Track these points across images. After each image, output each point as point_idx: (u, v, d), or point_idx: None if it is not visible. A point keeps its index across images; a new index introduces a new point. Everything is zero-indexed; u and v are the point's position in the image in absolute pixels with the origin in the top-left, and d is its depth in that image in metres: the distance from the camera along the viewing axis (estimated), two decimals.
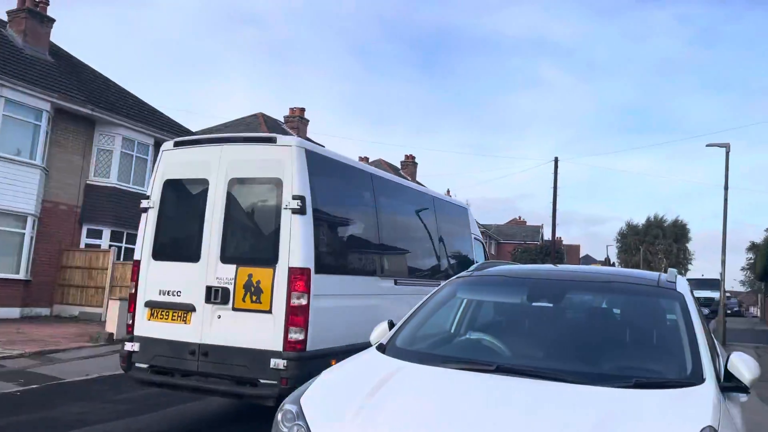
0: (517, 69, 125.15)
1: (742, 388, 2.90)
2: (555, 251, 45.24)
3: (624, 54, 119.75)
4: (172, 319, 6.12)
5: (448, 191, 56.20)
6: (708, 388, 2.73)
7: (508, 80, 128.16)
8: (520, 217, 71.24)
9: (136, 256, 6.50)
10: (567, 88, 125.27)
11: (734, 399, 3.14)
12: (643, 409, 2.54)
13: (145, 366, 6.14)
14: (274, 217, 5.93)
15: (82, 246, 18.39)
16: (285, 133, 30.80)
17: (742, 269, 63.78)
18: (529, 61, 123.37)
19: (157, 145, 20.76)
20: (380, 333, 3.77)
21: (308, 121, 32.81)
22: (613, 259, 73.02)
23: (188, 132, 23.00)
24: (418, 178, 46.14)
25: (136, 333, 6.24)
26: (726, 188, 17.64)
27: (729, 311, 43.56)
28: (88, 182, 18.74)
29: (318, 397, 2.87)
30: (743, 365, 2.89)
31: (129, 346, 6.21)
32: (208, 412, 7.11)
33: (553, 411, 2.54)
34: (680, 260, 72.49)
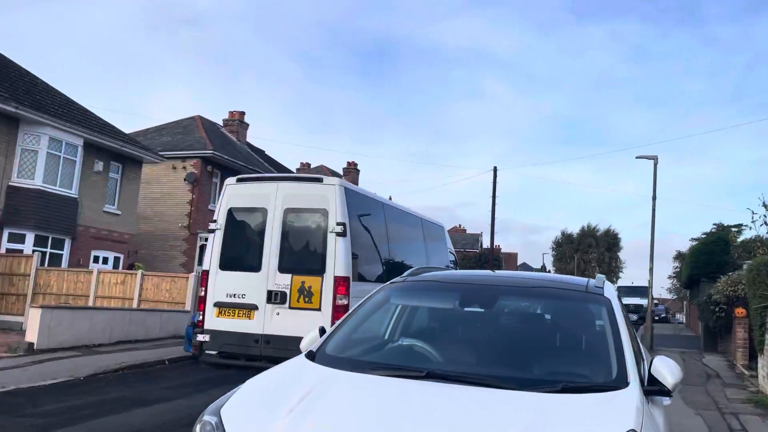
0: (459, 80, 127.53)
1: (665, 392, 2.93)
2: (493, 259, 46.06)
3: (561, 68, 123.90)
4: (238, 316, 8.03)
5: (390, 198, 56.26)
6: (632, 392, 2.75)
7: (450, 91, 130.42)
8: (460, 225, 72.21)
9: (204, 267, 8.55)
10: (507, 99, 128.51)
11: (658, 402, 3.19)
12: (568, 414, 2.55)
13: (214, 352, 8.04)
14: (322, 238, 8.00)
15: (2, 251, 17.41)
16: (223, 135, 30.21)
17: (669, 277, 66.65)
18: (471, 72, 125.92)
19: (87, 145, 19.99)
20: (311, 340, 3.67)
21: (248, 125, 32.31)
22: (549, 266, 75.08)
23: (119, 132, 22.22)
24: (360, 185, 46.16)
25: (206, 327, 8.16)
26: (654, 198, 18.37)
27: (657, 317, 45.35)
28: (10, 184, 17.78)
29: (239, 408, 2.73)
30: (666, 369, 2.94)
31: (201, 338, 8.13)
32: (127, 425, 6.79)
33: (480, 417, 2.51)
34: (612, 268, 75.22)
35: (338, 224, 7.88)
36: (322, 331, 3.71)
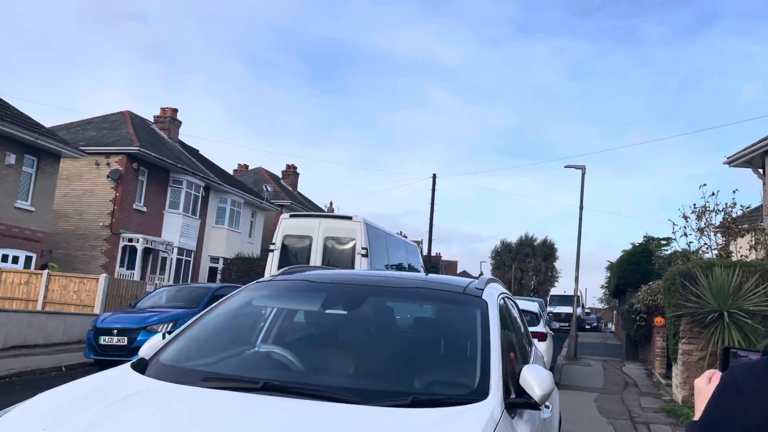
0: (407, 88, 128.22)
1: (532, 405, 2.61)
2: (431, 266, 46.08)
3: (506, 81, 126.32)
4: None
5: (331, 203, 55.97)
6: (488, 405, 2.42)
7: (397, 99, 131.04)
8: (401, 232, 72.14)
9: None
10: (453, 110, 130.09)
11: (532, 416, 2.87)
12: (408, 430, 2.20)
13: None
14: (351, 257, 11.48)
15: None
16: (153, 132, 29.06)
17: (602, 287, 68.74)
18: (419, 81, 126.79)
19: None
20: (152, 345, 3.18)
21: (180, 122, 31.21)
22: (487, 275, 75.92)
23: (35, 124, 20.89)
24: (300, 189, 45.43)
25: None
26: (581, 208, 18.58)
27: (588, 326, 46.51)
28: None
29: (16, 424, 2.24)
30: (534, 379, 2.61)
31: None
32: None
33: None
34: (548, 277, 77.01)
35: (363, 248, 11.68)
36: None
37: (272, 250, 12.01)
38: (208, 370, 2.95)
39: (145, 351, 3.16)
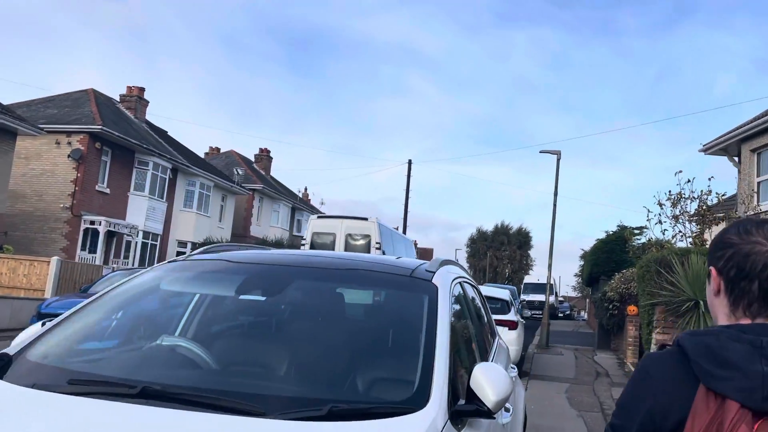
0: (386, 75, 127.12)
1: (484, 412, 2.09)
2: None
3: (485, 70, 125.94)
4: None
5: (306, 189, 55.16)
6: (426, 416, 1.90)
7: (376, 86, 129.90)
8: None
9: None
10: (432, 98, 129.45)
11: (485, 425, 2.35)
12: None
13: None
14: (367, 250, 13.18)
15: None
16: (118, 111, 28.03)
17: (575, 275, 69.16)
18: (398, 69, 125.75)
19: None
20: (23, 338, 2.59)
21: (148, 102, 30.16)
22: (463, 263, 76.07)
23: None
24: (275, 174, 44.54)
25: None
26: (555, 194, 18.22)
27: (561, 314, 46.55)
28: None
29: None
30: (488, 381, 2.07)
31: None
32: None
33: None
34: (523, 266, 77.36)
35: (377, 242, 14.25)
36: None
37: (303, 245, 14.67)
38: (82, 369, 2.37)
39: (15, 344, 2.57)
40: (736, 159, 17.53)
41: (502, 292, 11.84)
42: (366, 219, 14.89)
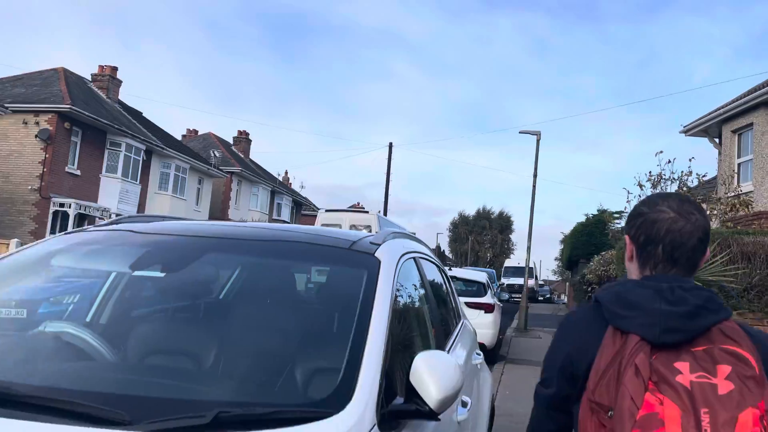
0: (370, 60, 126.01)
1: (425, 413, 1.67)
2: None
3: (469, 55, 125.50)
4: None
5: (286, 172, 54.49)
6: (344, 421, 1.52)
7: (361, 70, 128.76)
8: (358, 203, 71.27)
9: None
10: (417, 82, 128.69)
11: (426, 427, 1.94)
12: None
13: None
14: None
15: None
16: (90, 91, 27.20)
17: (555, 259, 69.52)
18: (383, 53, 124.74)
19: None
20: None
21: (121, 82, 29.32)
22: (444, 247, 76.05)
23: None
24: (255, 157, 43.80)
25: None
26: (535, 175, 17.96)
27: (541, 298, 46.68)
28: None
29: None
30: (431, 374, 1.65)
31: None
32: None
33: None
34: (504, 249, 77.55)
35: (376, 232, 16.67)
36: None
37: None
38: None
39: None
40: (717, 140, 17.39)
41: (479, 275, 11.57)
42: (367, 212, 17.94)
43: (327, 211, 17.71)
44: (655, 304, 1.28)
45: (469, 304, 10.42)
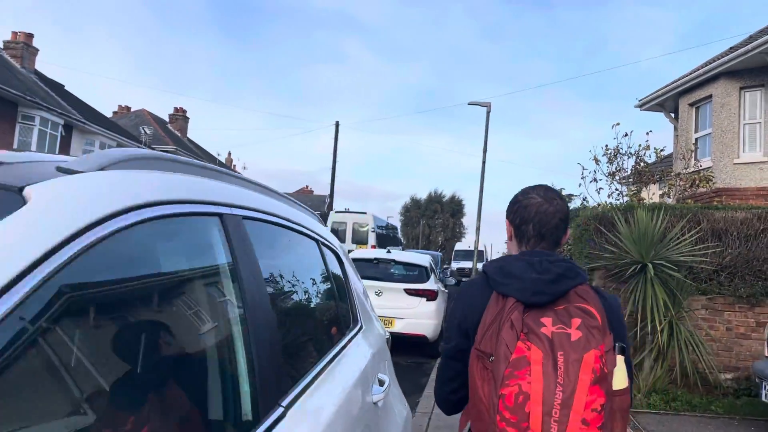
0: (321, 42, 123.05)
1: None
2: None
3: (422, 39, 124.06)
4: None
5: (229, 153, 52.28)
6: None
7: (312, 52, 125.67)
8: (307, 186, 69.53)
9: None
10: (370, 65, 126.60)
11: None
12: None
13: None
14: (366, 234, 21.78)
15: None
16: (1, 59, 24.62)
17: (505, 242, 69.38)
18: (334, 35, 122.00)
19: None
20: None
21: (37, 50, 26.72)
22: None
23: None
24: (189, 134, 41.38)
25: None
26: (485, 151, 16.75)
27: None
28: None
29: None
30: None
31: None
32: None
33: None
34: (455, 233, 77.17)
35: (372, 228, 21.51)
36: None
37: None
38: None
39: None
40: (673, 115, 16.55)
41: (421, 258, 10.23)
42: (365, 213, 22.31)
43: (336, 212, 23.06)
44: (527, 273, 1.61)
45: (408, 291, 9.09)
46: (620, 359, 1.51)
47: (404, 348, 9.74)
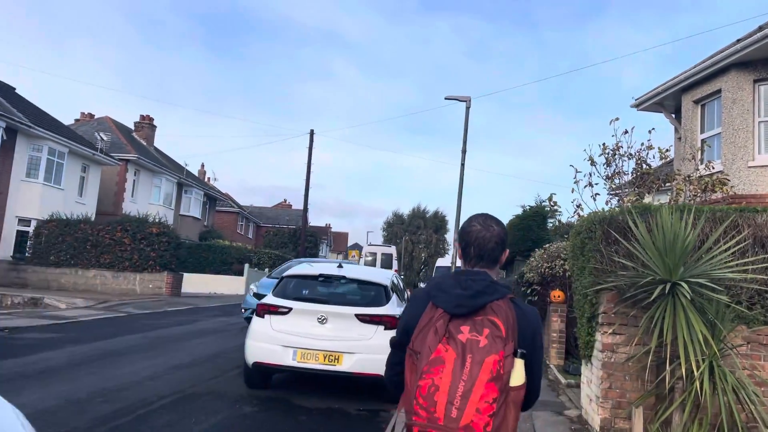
0: (307, 59, 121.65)
1: None
2: (309, 235, 41.84)
3: (408, 56, 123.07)
4: None
5: (203, 165, 50.05)
6: None
7: (298, 69, 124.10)
8: (285, 200, 67.52)
9: None
10: (356, 83, 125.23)
11: None
12: None
13: None
14: (390, 261, 34.47)
15: None
16: None
17: None
18: (320, 52, 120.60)
19: None
20: None
21: None
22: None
23: None
24: (156, 142, 39.08)
25: None
26: (464, 151, 14.89)
27: None
28: None
29: None
30: None
31: None
32: None
33: None
34: (438, 250, 75.37)
35: (395, 257, 35.69)
36: None
37: (358, 261, 32.24)
38: None
39: None
40: (674, 116, 14.79)
41: (379, 275, 8.11)
42: (390, 246, 32.52)
43: (369, 245, 33.71)
44: (454, 289, 1.98)
45: (361, 317, 7.02)
46: (519, 362, 1.87)
47: (354, 391, 7.67)
